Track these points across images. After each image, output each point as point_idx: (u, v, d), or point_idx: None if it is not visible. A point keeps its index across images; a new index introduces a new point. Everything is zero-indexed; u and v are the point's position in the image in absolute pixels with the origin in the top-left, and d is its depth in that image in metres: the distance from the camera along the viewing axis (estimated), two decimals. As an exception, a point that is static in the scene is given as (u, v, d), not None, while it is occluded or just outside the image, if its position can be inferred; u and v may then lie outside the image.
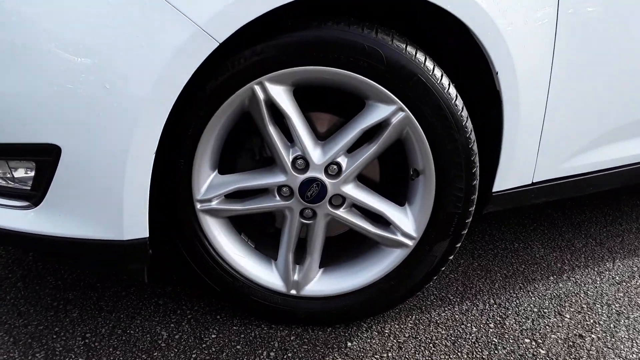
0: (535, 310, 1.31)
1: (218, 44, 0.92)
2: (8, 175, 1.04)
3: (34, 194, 1.02)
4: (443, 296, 1.36)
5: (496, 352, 1.16)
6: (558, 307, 1.32)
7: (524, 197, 1.39)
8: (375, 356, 1.14)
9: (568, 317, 1.29)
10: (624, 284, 1.44)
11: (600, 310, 1.32)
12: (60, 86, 0.92)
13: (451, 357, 1.14)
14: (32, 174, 1.02)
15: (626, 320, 1.28)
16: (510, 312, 1.30)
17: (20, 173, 1.04)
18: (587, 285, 1.42)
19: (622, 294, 1.39)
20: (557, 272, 1.48)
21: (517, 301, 1.34)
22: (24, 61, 0.92)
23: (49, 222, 1.02)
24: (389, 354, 1.15)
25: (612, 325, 1.26)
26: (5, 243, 1.21)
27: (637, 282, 1.45)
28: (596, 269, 1.51)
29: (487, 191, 1.30)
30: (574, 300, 1.35)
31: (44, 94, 0.93)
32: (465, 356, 1.15)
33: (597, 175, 1.47)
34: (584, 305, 1.33)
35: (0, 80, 0.94)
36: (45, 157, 0.97)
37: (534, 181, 1.37)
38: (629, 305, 1.34)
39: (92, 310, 1.26)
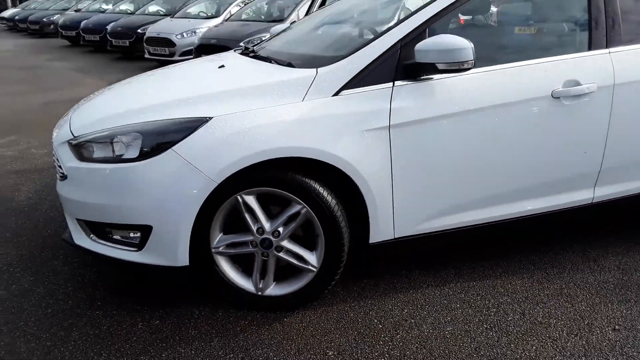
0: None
1: (217, 184, 2.16)
2: (127, 235, 2.32)
3: (139, 245, 2.29)
4: (339, 294, 2.54)
5: (357, 324, 2.33)
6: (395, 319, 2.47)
7: (392, 247, 2.55)
8: (295, 325, 2.33)
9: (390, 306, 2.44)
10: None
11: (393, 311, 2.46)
12: (161, 200, 2.18)
13: (335, 327, 2.32)
14: (139, 235, 2.29)
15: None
16: (371, 303, 2.46)
17: (133, 234, 2.31)
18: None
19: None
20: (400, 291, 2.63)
21: (371, 303, 2.50)
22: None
23: (146, 257, 2.29)
24: (303, 324, 2.33)
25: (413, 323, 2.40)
26: (123, 268, 2.47)
27: (417, 316, 2.57)
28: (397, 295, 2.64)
29: (367, 242, 2.48)
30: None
31: (149, 204, 2.20)
32: (342, 327, 2.32)
33: (439, 234, 2.61)
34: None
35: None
36: (145, 230, 2.24)
37: (395, 237, 2.53)
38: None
39: (151, 304, 2.52)
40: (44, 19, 19.88)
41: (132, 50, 12.84)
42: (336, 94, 2.31)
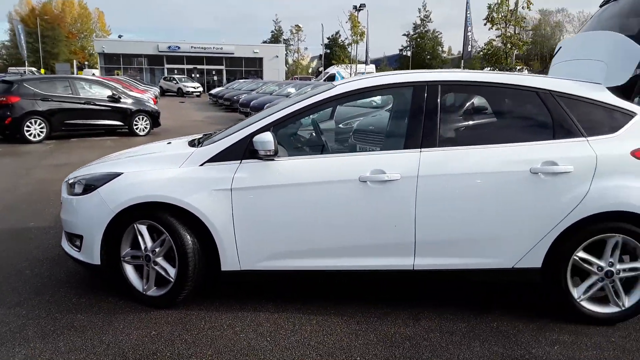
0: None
1: (115, 213, 3.50)
2: (77, 241, 3.75)
3: (79, 248, 3.70)
4: (203, 304, 3.60)
5: (188, 322, 3.38)
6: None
7: (239, 275, 3.57)
8: (152, 314, 3.47)
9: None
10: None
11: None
12: (87, 219, 3.60)
13: (173, 321, 3.40)
14: (79, 241, 3.71)
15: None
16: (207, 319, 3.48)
17: (78, 241, 3.74)
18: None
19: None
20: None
21: (210, 314, 3.50)
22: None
23: (81, 256, 3.68)
24: (157, 315, 3.46)
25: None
26: (75, 261, 3.90)
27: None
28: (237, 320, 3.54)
29: (219, 269, 3.55)
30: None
31: (82, 221, 3.62)
32: (178, 321, 3.39)
33: (278, 272, 3.56)
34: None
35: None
36: (81, 238, 3.65)
37: (242, 269, 3.56)
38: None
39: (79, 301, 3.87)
40: (234, 97, 23.94)
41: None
42: (202, 165, 3.51)
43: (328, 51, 61.80)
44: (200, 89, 40.28)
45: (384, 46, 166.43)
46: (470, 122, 3.71)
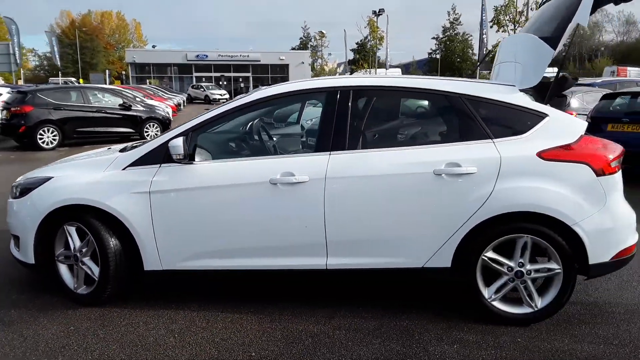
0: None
1: (44, 216, 3.71)
2: (18, 241, 3.98)
3: (19, 248, 3.93)
4: (118, 301, 3.77)
5: (109, 318, 3.56)
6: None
7: (161, 275, 3.73)
8: (77, 310, 3.66)
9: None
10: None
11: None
12: (21, 220, 3.83)
13: (95, 316, 3.59)
14: (19, 242, 3.94)
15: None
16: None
17: (17, 241, 3.97)
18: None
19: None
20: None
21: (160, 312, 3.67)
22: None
23: (20, 255, 3.92)
24: (81, 311, 3.65)
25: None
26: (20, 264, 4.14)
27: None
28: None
29: (142, 269, 3.72)
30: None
31: (18, 223, 3.86)
32: (99, 317, 3.57)
33: (197, 271, 3.70)
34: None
35: None
36: (19, 239, 3.88)
37: (163, 269, 3.71)
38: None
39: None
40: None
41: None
42: (124, 169, 3.69)
43: (357, 56, 61.89)
44: (227, 96, 40.95)
45: (414, 50, 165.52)
46: (381, 126, 3.78)
